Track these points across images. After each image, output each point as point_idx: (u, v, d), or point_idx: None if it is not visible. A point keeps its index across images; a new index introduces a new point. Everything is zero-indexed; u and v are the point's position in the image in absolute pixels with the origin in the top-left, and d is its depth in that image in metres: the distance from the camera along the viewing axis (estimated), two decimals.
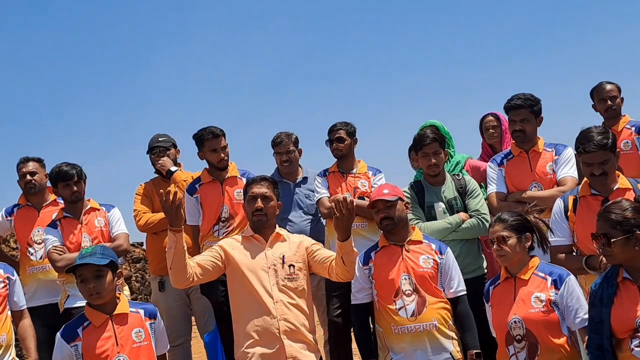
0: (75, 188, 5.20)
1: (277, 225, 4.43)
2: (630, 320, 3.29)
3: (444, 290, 4.26)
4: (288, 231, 5.44)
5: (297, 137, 5.96)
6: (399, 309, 4.18)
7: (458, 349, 4.23)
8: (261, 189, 4.29)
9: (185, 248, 3.92)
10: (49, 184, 5.60)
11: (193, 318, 6.08)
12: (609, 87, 5.79)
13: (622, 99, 5.84)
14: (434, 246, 4.36)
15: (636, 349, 3.26)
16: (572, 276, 3.77)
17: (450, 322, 4.24)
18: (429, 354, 4.14)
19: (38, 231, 5.53)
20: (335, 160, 5.64)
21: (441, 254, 4.32)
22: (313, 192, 5.70)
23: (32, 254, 5.58)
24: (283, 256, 4.24)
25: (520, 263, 3.81)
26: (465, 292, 4.32)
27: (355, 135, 5.65)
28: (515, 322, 3.70)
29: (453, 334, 4.23)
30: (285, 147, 5.86)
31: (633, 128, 5.70)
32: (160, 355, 3.89)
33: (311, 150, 5.80)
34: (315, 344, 4.27)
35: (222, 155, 5.45)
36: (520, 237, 3.80)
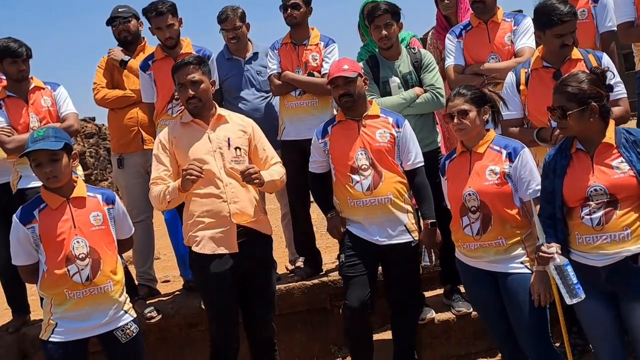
0: (23, 66, 4.91)
1: (216, 106, 4.30)
2: (582, 190, 3.39)
3: (401, 164, 4.30)
4: (242, 109, 5.35)
5: (243, 11, 5.70)
6: (355, 183, 4.23)
7: (413, 221, 4.33)
8: (188, 76, 4.10)
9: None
10: None
11: None
12: None
13: None
14: (391, 119, 4.34)
15: (586, 217, 3.38)
16: (526, 149, 3.82)
17: (406, 196, 4.31)
18: (384, 226, 4.24)
19: None
20: (289, 29, 5.40)
21: (398, 127, 4.32)
22: (265, 68, 5.53)
23: None
24: (228, 139, 4.15)
25: (478, 136, 3.83)
26: (422, 164, 4.36)
27: (310, 4, 5.38)
28: (469, 194, 3.78)
29: (408, 207, 4.31)
30: (231, 23, 5.62)
31: None
32: (123, 240, 3.87)
33: (262, 23, 5.54)
34: (268, 223, 4.30)
35: (168, 34, 5.15)
36: (480, 110, 3.81)
